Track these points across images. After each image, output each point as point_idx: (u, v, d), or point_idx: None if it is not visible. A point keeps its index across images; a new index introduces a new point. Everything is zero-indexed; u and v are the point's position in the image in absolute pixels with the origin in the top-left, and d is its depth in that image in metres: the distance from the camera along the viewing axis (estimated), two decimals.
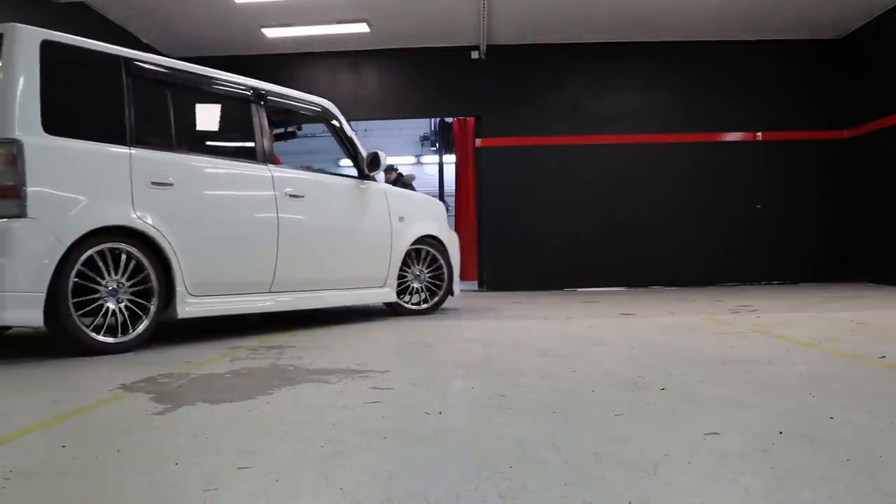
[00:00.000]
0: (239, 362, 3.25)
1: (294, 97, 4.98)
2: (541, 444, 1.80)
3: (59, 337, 3.52)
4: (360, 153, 5.17)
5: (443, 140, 16.46)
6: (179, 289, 3.86)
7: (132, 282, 3.68)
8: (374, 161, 5.11)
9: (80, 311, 3.48)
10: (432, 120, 17.10)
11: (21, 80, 3.42)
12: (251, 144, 4.55)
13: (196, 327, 5.13)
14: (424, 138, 19.87)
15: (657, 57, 8.81)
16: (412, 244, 5.41)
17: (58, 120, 3.49)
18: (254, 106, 4.58)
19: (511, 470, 1.58)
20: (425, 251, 5.54)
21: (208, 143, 4.78)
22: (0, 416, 2.26)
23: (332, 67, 9.23)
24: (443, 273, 5.61)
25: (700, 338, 3.90)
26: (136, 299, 3.71)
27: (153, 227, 3.73)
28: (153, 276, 3.76)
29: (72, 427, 2.11)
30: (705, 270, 8.77)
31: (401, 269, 5.35)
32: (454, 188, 10.26)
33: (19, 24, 3.52)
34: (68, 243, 3.37)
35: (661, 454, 1.67)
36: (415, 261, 5.49)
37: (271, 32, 8.28)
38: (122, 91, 3.83)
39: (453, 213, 9.13)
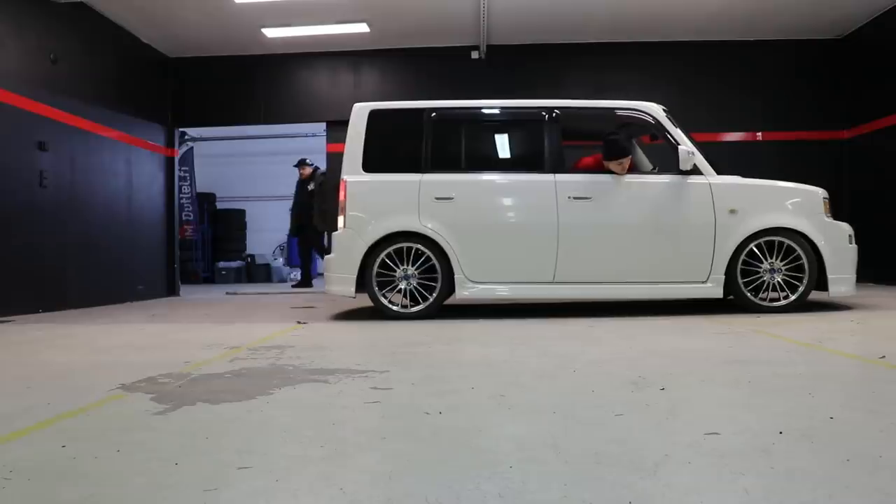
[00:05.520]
0: (239, 362, 3.25)
1: (596, 107, 5.48)
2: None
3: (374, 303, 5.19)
4: (679, 150, 5.02)
5: None
6: (458, 276, 5.09)
7: (421, 270, 5.13)
8: (685, 158, 4.98)
9: (385, 289, 5.14)
10: None
11: (354, 140, 5.29)
12: (536, 157, 5.32)
13: (195, 328, 5.13)
14: None
15: (657, 57, 8.80)
16: (760, 237, 5.05)
17: (373, 162, 5.24)
18: (542, 123, 5.28)
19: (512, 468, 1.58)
20: (779, 242, 5.07)
21: (493, 160, 5.75)
22: (0, 416, 2.26)
23: (332, 67, 9.23)
24: (803, 266, 5.08)
25: (699, 338, 3.90)
26: (427, 283, 5.13)
27: (433, 230, 5.09)
28: (438, 267, 5.10)
29: (72, 427, 2.10)
30: None
31: (750, 264, 5.06)
32: None
33: (359, 104, 5.39)
34: (370, 243, 5.08)
35: (661, 454, 1.67)
36: (771, 255, 5.08)
37: (271, 32, 8.28)
38: (421, 133, 5.26)
39: None
